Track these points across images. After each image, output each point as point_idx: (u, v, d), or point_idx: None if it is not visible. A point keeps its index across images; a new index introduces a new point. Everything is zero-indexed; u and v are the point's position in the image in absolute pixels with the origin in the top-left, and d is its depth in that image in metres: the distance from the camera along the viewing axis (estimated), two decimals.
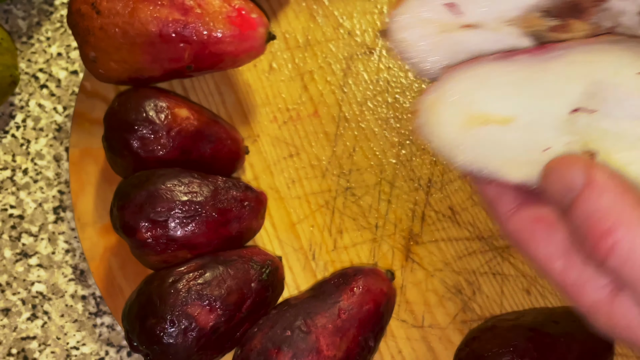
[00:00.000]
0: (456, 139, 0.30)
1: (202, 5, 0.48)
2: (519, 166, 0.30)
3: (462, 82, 0.30)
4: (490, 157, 0.30)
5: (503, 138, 0.30)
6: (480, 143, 0.30)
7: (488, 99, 0.30)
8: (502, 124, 0.30)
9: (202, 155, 0.49)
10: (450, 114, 0.30)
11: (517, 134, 0.30)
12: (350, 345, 0.43)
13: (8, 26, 0.60)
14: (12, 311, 0.51)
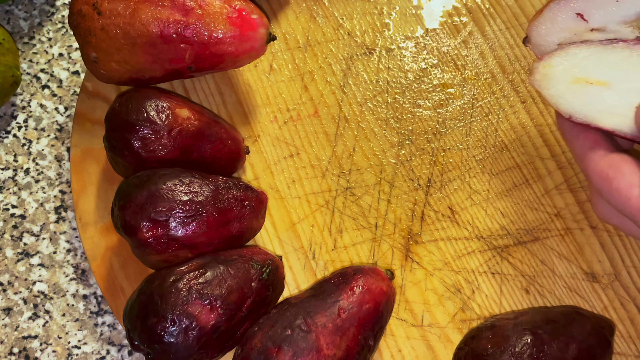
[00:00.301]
0: (564, 92, 0.42)
1: (202, 6, 0.48)
2: (611, 117, 0.41)
3: (574, 53, 0.42)
4: (588, 108, 0.41)
5: (600, 95, 0.41)
6: (582, 97, 0.41)
7: (591, 68, 0.42)
8: (600, 85, 0.41)
9: (202, 155, 0.49)
10: (562, 74, 0.42)
11: (612, 94, 0.41)
12: (350, 344, 0.43)
13: (10, 27, 0.60)
14: (14, 310, 0.52)
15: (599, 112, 0.41)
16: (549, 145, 0.54)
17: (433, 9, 0.59)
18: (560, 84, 0.42)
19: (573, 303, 0.50)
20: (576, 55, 0.42)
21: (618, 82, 0.41)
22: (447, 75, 0.56)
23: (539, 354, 0.43)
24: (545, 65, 0.43)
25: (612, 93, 0.41)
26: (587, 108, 0.42)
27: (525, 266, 0.51)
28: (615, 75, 0.41)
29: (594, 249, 0.51)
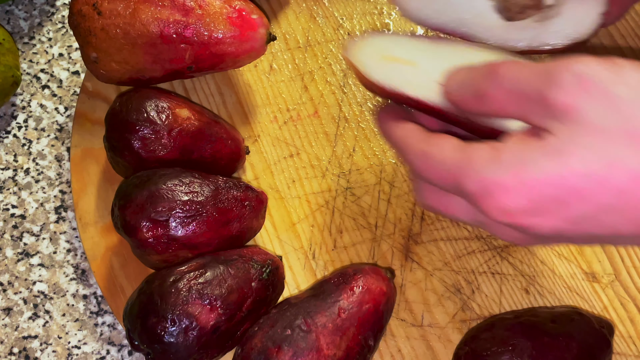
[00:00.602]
0: (373, 66, 0.46)
1: (202, 6, 0.48)
2: (416, 88, 0.45)
3: (381, 37, 0.46)
4: (395, 80, 0.45)
5: (405, 71, 0.45)
6: (389, 71, 0.45)
7: (397, 49, 0.46)
8: (405, 64, 0.46)
9: (202, 155, 0.49)
10: (371, 51, 0.46)
11: (415, 72, 0.45)
12: (350, 344, 0.43)
13: (10, 27, 0.60)
14: (14, 310, 0.52)
15: (406, 83, 0.46)
16: None
17: None
18: (369, 60, 0.46)
19: (573, 303, 0.50)
20: (382, 39, 0.47)
21: (421, 62, 0.45)
22: None
23: (539, 354, 0.43)
24: (358, 42, 0.47)
25: (414, 71, 0.46)
26: (394, 80, 0.46)
27: (525, 266, 0.51)
28: (419, 57, 0.46)
29: (594, 249, 0.51)
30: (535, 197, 0.33)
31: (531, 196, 0.33)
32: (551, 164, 0.32)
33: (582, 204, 0.32)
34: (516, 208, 0.33)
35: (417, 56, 0.46)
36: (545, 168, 0.32)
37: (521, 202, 0.33)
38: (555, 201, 0.33)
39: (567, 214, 0.33)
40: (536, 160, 0.33)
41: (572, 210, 0.33)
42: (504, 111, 0.35)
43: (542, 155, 0.33)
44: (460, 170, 0.35)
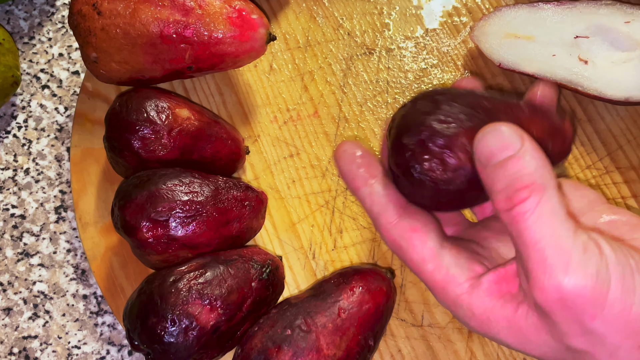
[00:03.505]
0: (497, 45, 0.53)
1: (202, 6, 0.48)
2: (533, 63, 0.53)
3: (506, 14, 0.54)
4: (515, 57, 0.53)
5: (526, 47, 0.53)
6: (510, 48, 0.53)
7: (519, 25, 0.53)
8: (527, 39, 0.53)
9: (202, 156, 0.49)
10: (496, 30, 0.54)
11: (535, 46, 0.53)
12: (350, 344, 0.43)
13: (10, 27, 0.60)
14: (14, 310, 0.52)
15: (523, 60, 0.53)
16: None
17: (433, 9, 0.59)
18: (494, 39, 0.53)
19: None
20: (507, 14, 0.54)
21: (540, 36, 0.52)
22: (447, 75, 0.56)
23: (488, 115, 0.39)
24: (482, 24, 0.54)
25: (535, 45, 0.52)
26: (514, 57, 0.53)
27: None
28: (538, 31, 0.52)
29: None
30: None
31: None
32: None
33: None
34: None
35: (536, 30, 0.52)
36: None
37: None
38: None
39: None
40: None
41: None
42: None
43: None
44: (433, 289, 0.39)
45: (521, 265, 0.35)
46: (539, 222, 0.34)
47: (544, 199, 0.34)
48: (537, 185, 0.34)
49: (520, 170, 0.34)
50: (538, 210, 0.34)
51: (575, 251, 0.33)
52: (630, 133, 0.54)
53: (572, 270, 0.33)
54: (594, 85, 0.51)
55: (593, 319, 0.33)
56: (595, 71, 0.51)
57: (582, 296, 0.33)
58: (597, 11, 0.52)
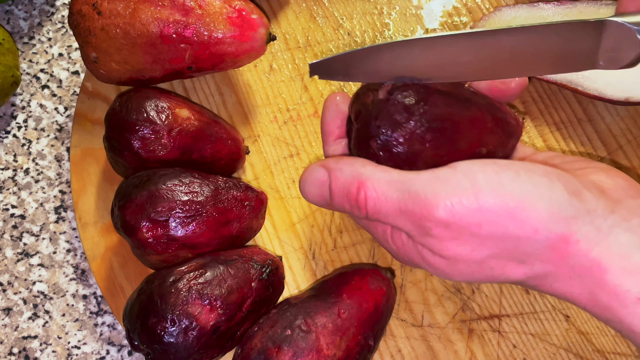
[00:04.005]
0: None
1: (202, 6, 0.48)
2: None
3: (507, 13, 0.54)
4: None
5: None
6: None
7: (520, 21, 0.52)
8: None
9: (202, 155, 0.49)
10: (497, 23, 0.54)
11: None
12: (350, 344, 0.43)
13: (9, 27, 0.60)
14: (14, 310, 0.52)
15: None
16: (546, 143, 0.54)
17: (433, 9, 0.59)
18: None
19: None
20: (507, 14, 0.54)
21: None
22: None
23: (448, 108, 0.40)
24: (483, 24, 0.55)
25: None
26: None
27: None
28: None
29: None
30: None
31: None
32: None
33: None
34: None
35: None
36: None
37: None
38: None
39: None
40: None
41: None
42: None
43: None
44: (370, 228, 0.43)
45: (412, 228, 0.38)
46: (387, 196, 0.37)
47: (370, 186, 0.38)
48: (357, 184, 0.38)
49: (337, 189, 0.39)
50: (376, 195, 0.37)
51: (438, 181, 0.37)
52: (630, 133, 0.54)
53: (442, 196, 0.36)
54: (594, 85, 0.51)
55: (479, 227, 0.36)
56: (595, 71, 0.51)
57: (458, 214, 0.36)
58: (597, 11, 0.52)
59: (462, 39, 0.38)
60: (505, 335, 0.49)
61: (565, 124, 0.55)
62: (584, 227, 0.36)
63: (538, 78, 0.53)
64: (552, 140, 0.54)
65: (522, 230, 0.36)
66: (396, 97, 0.39)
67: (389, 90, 0.39)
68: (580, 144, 0.54)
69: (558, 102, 0.55)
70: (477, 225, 0.36)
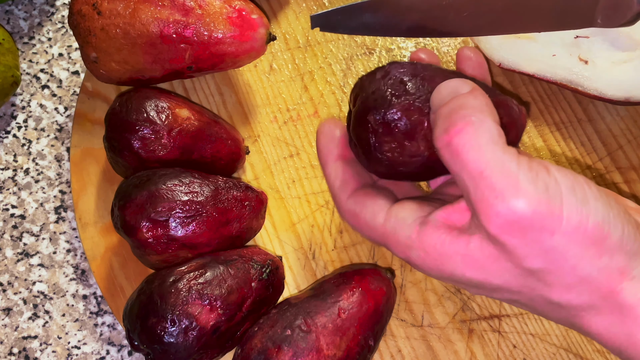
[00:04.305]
0: (497, 45, 0.53)
1: (202, 6, 0.48)
2: (533, 63, 0.52)
3: None
4: (515, 57, 0.52)
5: (526, 47, 0.52)
6: (511, 48, 0.52)
7: None
8: (527, 39, 0.52)
9: (202, 155, 0.49)
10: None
11: (535, 45, 0.52)
12: (350, 344, 0.43)
13: (9, 27, 0.60)
14: (14, 310, 0.52)
15: (524, 60, 0.52)
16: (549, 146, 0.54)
17: None
18: (494, 39, 0.53)
19: None
20: None
21: (540, 36, 0.52)
22: None
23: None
24: None
25: (535, 45, 0.52)
26: (514, 57, 0.52)
27: None
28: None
29: None
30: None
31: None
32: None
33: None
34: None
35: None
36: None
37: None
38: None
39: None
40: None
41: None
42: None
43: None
44: (387, 241, 0.39)
45: (469, 199, 0.35)
46: (480, 151, 0.34)
47: (480, 129, 0.34)
48: (472, 118, 0.34)
49: (458, 105, 0.35)
50: (476, 140, 0.34)
51: (522, 172, 0.33)
52: (630, 133, 0.54)
53: (523, 190, 0.33)
54: (594, 85, 0.51)
55: (552, 235, 0.33)
56: (596, 71, 0.51)
57: (537, 213, 0.33)
58: None
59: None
60: (505, 336, 0.49)
61: (565, 124, 0.55)
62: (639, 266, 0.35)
63: (538, 77, 0.53)
64: (552, 140, 0.54)
65: (588, 252, 0.34)
66: (394, 73, 0.38)
67: (387, 69, 0.39)
68: (580, 144, 0.54)
69: (558, 102, 0.55)
70: (549, 232, 0.33)
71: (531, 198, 0.33)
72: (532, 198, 0.33)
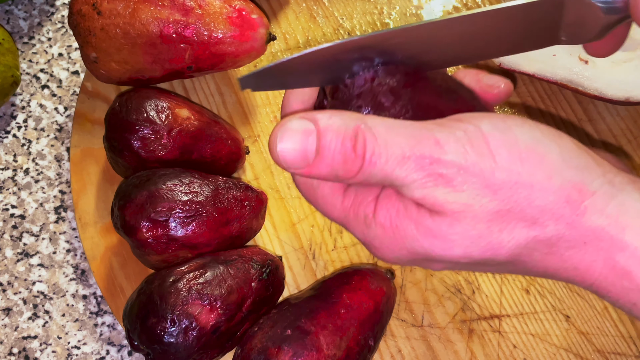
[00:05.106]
0: None
1: (202, 6, 0.48)
2: (533, 63, 0.52)
3: None
4: (516, 56, 0.51)
5: None
6: None
7: None
8: None
9: (202, 155, 0.49)
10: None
11: None
12: (350, 344, 0.43)
13: (9, 27, 0.60)
14: (14, 311, 0.52)
15: (524, 60, 0.52)
16: None
17: (433, 8, 0.58)
18: None
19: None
20: None
21: None
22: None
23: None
24: None
25: None
26: (515, 57, 0.52)
27: None
28: None
29: None
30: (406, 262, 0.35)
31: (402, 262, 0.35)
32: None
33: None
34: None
35: None
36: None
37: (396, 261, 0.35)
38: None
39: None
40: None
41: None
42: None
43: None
44: (347, 225, 0.36)
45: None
46: (386, 144, 0.32)
47: (369, 130, 0.32)
48: (354, 128, 0.32)
49: (328, 139, 0.32)
50: (375, 140, 0.32)
51: (437, 131, 0.32)
52: (630, 133, 0.54)
53: (444, 148, 0.31)
54: (595, 85, 0.51)
55: (493, 173, 0.32)
56: (596, 71, 0.51)
57: (468, 162, 0.32)
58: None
59: (406, 32, 0.34)
60: (505, 336, 0.49)
61: (565, 124, 0.55)
62: (597, 179, 0.32)
63: (538, 77, 0.53)
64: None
65: (535, 177, 0.31)
66: (382, 78, 0.36)
67: (376, 70, 0.36)
68: None
69: (558, 102, 0.55)
70: (490, 172, 0.31)
71: (456, 151, 0.31)
72: (457, 150, 0.31)
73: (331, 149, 0.33)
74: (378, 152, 0.32)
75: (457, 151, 0.31)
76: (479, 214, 0.32)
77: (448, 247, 0.33)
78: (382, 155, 0.32)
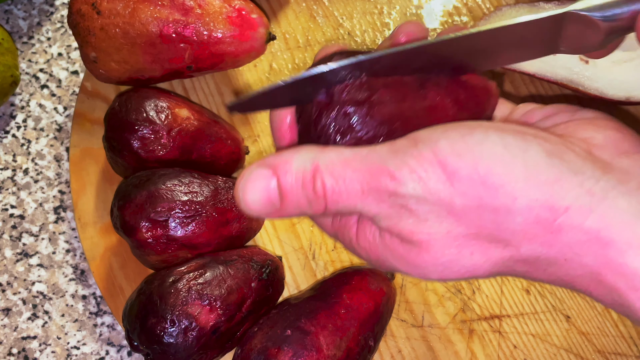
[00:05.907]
0: None
1: (202, 6, 0.48)
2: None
3: (507, 11, 0.54)
4: None
5: None
6: None
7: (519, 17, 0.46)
8: None
9: (202, 155, 0.49)
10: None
11: None
12: (350, 344, 0.43)
13: (9, 26, 0.60)
14: (13, 311, 0.51)
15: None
16: None
17: (433, 8, 0.58)
18: None
19: (574, 304, 0.50)
20: (508, 14, 0.54)
21: None
22: None
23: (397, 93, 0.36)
24: (483, 24, 0.53)
25: None
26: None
27: None
28: None
29: None
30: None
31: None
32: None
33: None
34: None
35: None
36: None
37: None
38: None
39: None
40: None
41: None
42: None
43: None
44: (339, 241, 0.36)
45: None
46: (344, 181, 0.32)
47: (324, 170, 0.32)
48: (311, 171, 0.32)
49: (288, 184, 0.32)
50: (333, 179, 0.32)
51: (390, 160, 0.31)
52: None
53: (398, 175, 0.31)
54: (595, 85, 0.51)
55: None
56: (596, 71, 0.51)
57: (430, 190, 0.31)
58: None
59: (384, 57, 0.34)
60: (505, 336, 0.49)
61: None
62: (572, 191, 0.30)
63: (539, 77, 0.53)
64: None
65: (498, 200, 0.30)
66: (338, 100, 0.34)
67: (329, 92, 0.35)
68: None
69: (559, 102, 0.55)
70: (449, 199, 0.30)
71: (411, 181, 0.31)
72: (412, 180, 0.31)
73: (293, 193, 0.33)
74: (338, 191, 0.32)
75: (412, 181, 0.31)
76: (446, 240, 0.31)
77: (423, 273, 0.33)
78: (342, 193, 0.32)
